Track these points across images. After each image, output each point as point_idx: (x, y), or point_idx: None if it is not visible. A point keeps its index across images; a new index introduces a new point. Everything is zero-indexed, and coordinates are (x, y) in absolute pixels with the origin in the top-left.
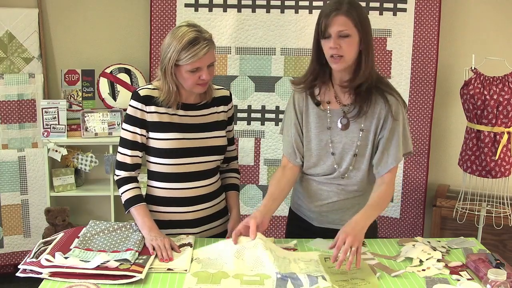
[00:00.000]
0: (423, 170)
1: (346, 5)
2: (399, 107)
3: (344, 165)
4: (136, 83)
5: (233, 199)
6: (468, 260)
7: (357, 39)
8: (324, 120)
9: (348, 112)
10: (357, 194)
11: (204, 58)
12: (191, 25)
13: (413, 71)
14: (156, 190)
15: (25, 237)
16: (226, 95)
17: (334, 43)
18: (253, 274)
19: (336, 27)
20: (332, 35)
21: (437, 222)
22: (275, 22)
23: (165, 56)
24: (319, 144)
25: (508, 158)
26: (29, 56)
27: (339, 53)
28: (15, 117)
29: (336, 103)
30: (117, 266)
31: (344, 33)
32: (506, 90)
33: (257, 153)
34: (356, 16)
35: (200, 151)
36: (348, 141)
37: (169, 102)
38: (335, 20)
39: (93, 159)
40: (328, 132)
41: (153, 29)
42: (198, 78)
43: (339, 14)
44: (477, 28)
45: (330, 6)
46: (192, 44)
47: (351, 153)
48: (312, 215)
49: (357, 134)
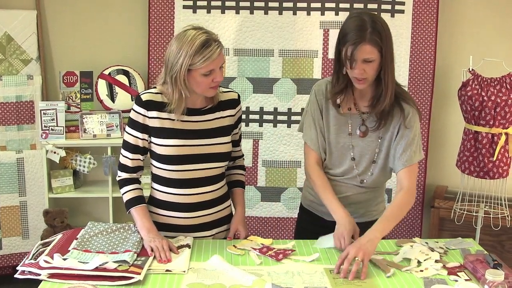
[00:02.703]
0: (421, 171)
1: (370, 30)
2: (415, 116)
3: (362, 169)
4: (135, 84)
5: (238, 196)
6: (466, 260)
7: (380, 59)
8: (344, 125)
9: (366, 120)
10: (371, 190)
11: (218, 59)
12: (198, 28)
13: (411, 73)
14: (159, 194)
15: (24, 238)
16: (234, 98)
17: (360, 69)
18: (250, 286)
19: (361, 55)
20: (356, 61)
21: (435, 223)
22: (273, 24)
23: (176, 62)
24: (336, 147)
25: (506, 159)
26: (28, 58)
27: (363, 76)
28: (14, 118)
29: (355, 109)
30: (115, 267)
31: (370, 59)
32: (504, 91)
33: (255, 155)
34: (380, 41)
35: (203, 158)
36: (366, 147)
37: (178, 109)
38: (361, 50)
39: (91, 161)
40: (349, 137)
41: (151, 31)
42: (211, 81)
43: (365, 44)
44: (474, 30)
45: (355, 32)
46: (205, 46)
47: (369, 158)
48: (325, 209)
49: (376, 142)
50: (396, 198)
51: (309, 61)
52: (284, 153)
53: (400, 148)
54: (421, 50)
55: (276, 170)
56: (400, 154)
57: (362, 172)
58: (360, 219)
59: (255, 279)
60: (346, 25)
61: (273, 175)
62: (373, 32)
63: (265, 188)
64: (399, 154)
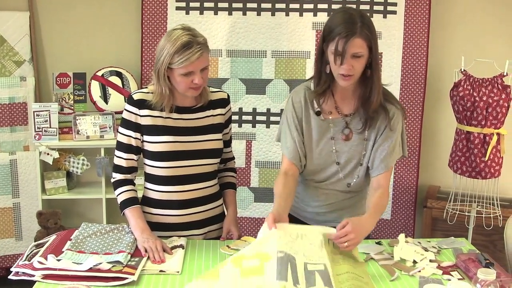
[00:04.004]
0: (414, 172)
1: (360, 24)
2: (399, 117)
3: (347, 173)
4: (128, 86)
5: (230, 197)
6: (458, 260)
7: (367, 56)
8: (326, 130)
9: (350, 123)
10: (356, 194)
11: (197, 62)
12: (186, 29)
13: (403, 73)
14: (152, 193)
15: (17, 240)
16: (224, 97)
17: (348, 64)
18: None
19: (351, 49)
20: (346, 56)
21: (428, 223)
22: (266, 25)
23: (159, 58)
24: (320, 153)
25: (498, 159)
26: (20, 59)
27: (351, 73)
28: (7, 120)
29: (337, 113)
30: (109, 268)
31: (359, 54)
32: (495, 91)
33: (248, 156)
34: (369, 35)
35: (195, 154)
36: (352, 151)
37: (161, 104)
38: (352, 43)
39: (85, 162)
40: (332, 142)
41: (144, 32)
42: (191, 82)
43: (356, 37)
44: (466, 30)
45: (344, 25)
46: (185, 48)
47: (355, 162)
48: (309, 215)
49: (361, 144)
50: (377, 197)
51: (302, 62)
52: (277, 154)
53: (383, 151)
54: (413, 50)
55: (269, 171)
56: (382, 158)
57: (347, 176)
58: None
59: None
60: (332, 21)
61: (266, 176)
62: (363, 26)
63: (258, 189)
64: (382, 158)
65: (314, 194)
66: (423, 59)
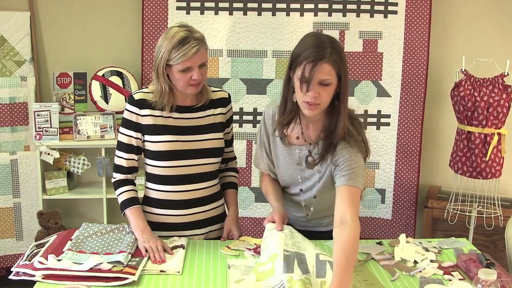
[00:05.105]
0: (415, 171)
1: (330, 49)
2: (357, 159)
3: (305, 203)
4: (128, 86)
5: (231, 197)
6: (459, 260)
7: (336, 85)
8: (292, 155)
9: (312, 151)
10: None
11: (194, 57)
12: (183, 26)
13: (404, 73)
14: (153, 192)
15: (18, 240)
16: (225, 97)
17: (314, 92)
18: (267, 260)
19: (318, 75)
20: (312, 83)
21: (428, 223)
22: (267, 25)
23: (157, 56)
24: (286, 174)
25: (499, 159)
26: (21, 59)
27: (316, 102)
28: (7, 120)
29: (302, 139)
30: (110, 268)
31: (327, 82)
32: (496, 91)
33: (249, 156)
34: (339, 62)
35: (196, 154)
36: (313, 179)
37: (162, 103)
38: (320, 69)
39: (85, 162)
40: (298, 167)
41: (145, 32)
42: (189, 78)
43: (324, 62)
44: (467, 30)
45: (313, 50)
46: (182, 43)
47: (315, 190)
48: (293, 221)
49: (316, 175)
50: (344, 238)
51: None
52: None
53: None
54: (414, 50)
55: None
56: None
57: (306, 206)
58: (326, 228)
59: None
60: (301, 45)
61: None
62: (333, 51)
63: (259, 189)
64: (340, 171)
65: (291, 204)
66: (424, 59)
